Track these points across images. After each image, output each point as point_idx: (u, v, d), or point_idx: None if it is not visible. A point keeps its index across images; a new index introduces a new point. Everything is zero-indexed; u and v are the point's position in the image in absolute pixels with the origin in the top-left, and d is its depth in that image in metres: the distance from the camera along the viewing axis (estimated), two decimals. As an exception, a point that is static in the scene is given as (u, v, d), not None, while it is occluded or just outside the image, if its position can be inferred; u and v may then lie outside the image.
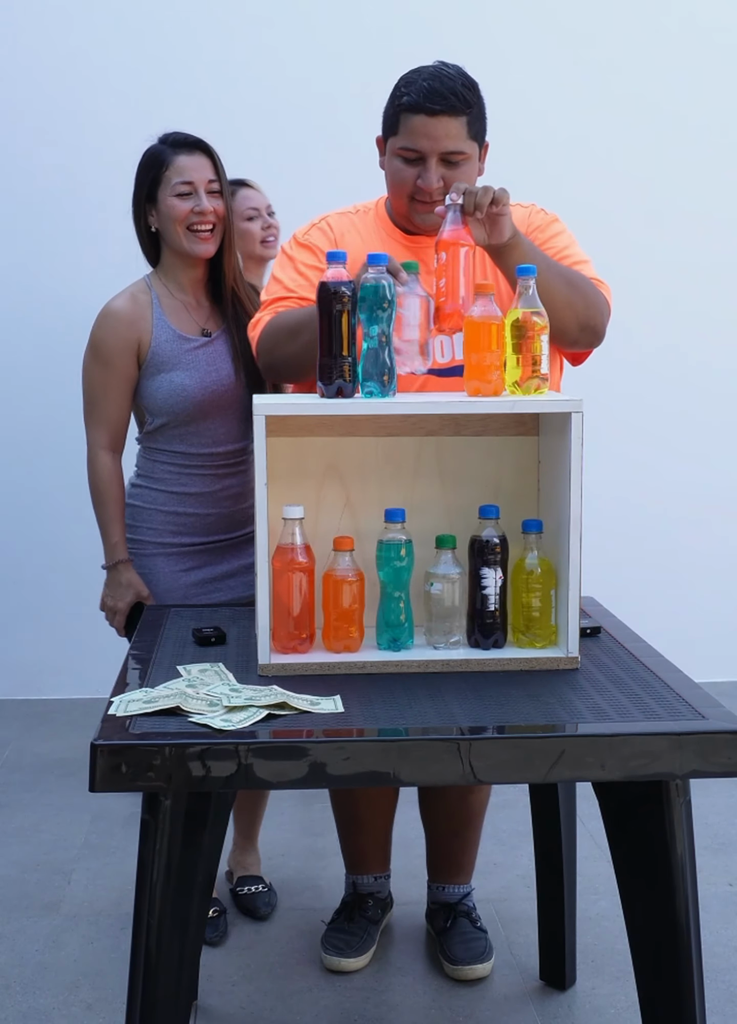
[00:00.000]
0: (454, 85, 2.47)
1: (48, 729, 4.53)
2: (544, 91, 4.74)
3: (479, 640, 2.27)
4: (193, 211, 2.83)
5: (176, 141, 2.88)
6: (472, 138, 2.50)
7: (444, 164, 2.48)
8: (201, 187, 2.84)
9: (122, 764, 1.86)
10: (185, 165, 2.85)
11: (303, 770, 1.89)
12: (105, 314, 2.91)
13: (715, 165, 4.84)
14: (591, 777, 1.99)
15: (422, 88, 2.46)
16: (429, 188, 2.48)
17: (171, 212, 2.84)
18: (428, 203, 2.49)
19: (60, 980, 2.84)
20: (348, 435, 2.37)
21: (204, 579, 2.92)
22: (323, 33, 4.66)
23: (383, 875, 3.03)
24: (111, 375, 2.89)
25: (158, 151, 2.89)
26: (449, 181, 2.46)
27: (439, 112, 2.45)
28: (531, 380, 2.21)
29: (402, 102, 2.48)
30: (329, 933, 2.95)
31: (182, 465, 2.91)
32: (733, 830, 3.59)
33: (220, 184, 2.87)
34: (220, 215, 2.87)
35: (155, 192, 2.87)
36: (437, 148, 2.47)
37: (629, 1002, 2.69)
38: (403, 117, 2.48)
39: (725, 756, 1.93)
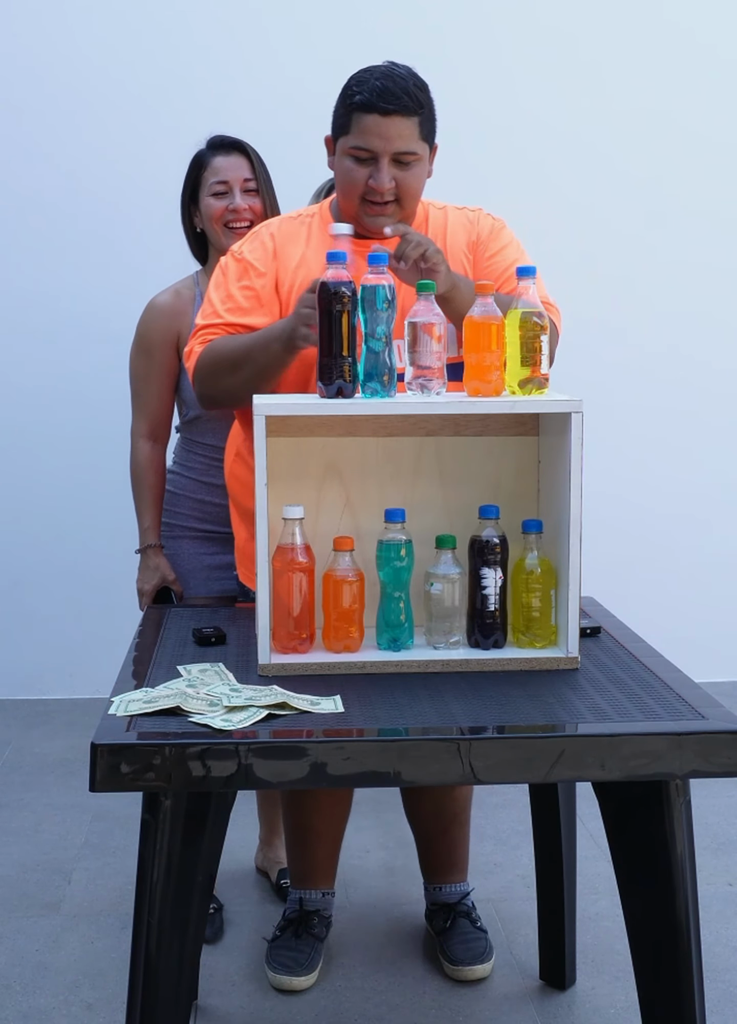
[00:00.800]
0: (407, 85, 2.45)
1: (48, 729, 4.53)
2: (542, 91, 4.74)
3: (479, 640, 2.27)
4: (228, 209, 2.97)
5: (213, 143, 3.04)
6: (423, 139, 2.48)
7: (395, 164, 2.46)
8: (236, 186, 2.98)
9: (122, 764, 1.86)
10: (221, 165, 3.00)
11: (303, 770, 1.89)
12: (149, 307, 3.09)
13: (714, 164, 4.84)
14: (591, 777, 2.00)
15: (375, 87, 2.43)
16: (381, 188, 2.46)
17: (208, 211, 3.00)
18: (379, 203, 2.48)
19: (60, 980, 2.84)
20: (348, 435, 2.37)
21: (226, 563, 3.02)
22: (319, 32, 4.67)
23: (329, 892, 2.94)
24: (152, 366, 3.06)
25: (200, 154, 3.05)
26: (400, 181, 2.47)
27: (392, 112, 2.42)
28: (532, 381, 2.21)
29: (354, 101, 2.45)
30: (275, 951, 2.85)
31: (213, 458, 3.03)
32: (733, 830, 3.59)
33: (257, 183, 2.99)
34: (257, 212, 2.98)
35: (197, 194, 3.04)
36: (389, 148, 2.44)
37: (629, 1002, 2.69)
38: (355, 116, 2.45)
39: (725, 756, 1.94)
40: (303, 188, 3.43)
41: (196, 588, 3.10)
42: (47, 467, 4.78)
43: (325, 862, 2.92)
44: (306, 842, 2.89)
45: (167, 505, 3.13)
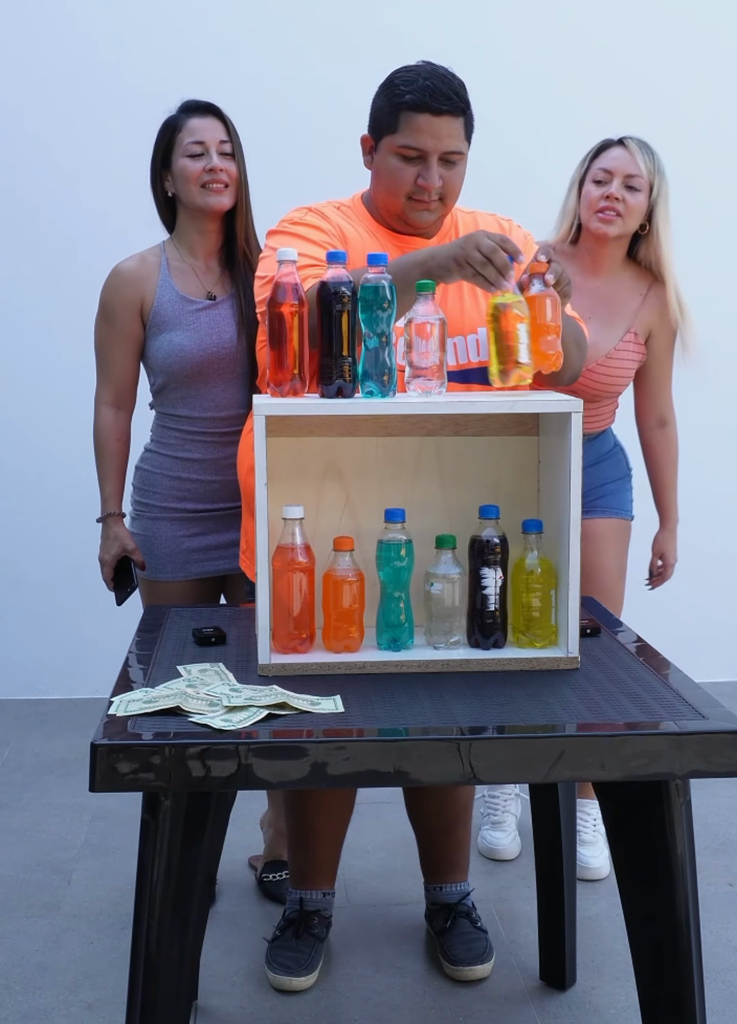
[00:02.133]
0: (454, 85, 2.48)
1: (48, 729, 4.53)
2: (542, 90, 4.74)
3: (479, 640, 2.27)
4: (205, 169, 2.92)
5: (188, 106, 2.99)
6: (466, 139, 2.53)
7: (442, 163, 2.49)
8: (213, 147, 2.93)
9: (122, 764, 1.86)
10: (196, 126, 2.94)
11: (304, 770, 1.89)
12: (112, 274, 3.03)
13: (719, 157, 4.83)
14: (591, 777, 1.99)
15: (425, 87, 2.45)
16: (431, 187, 2.48)
17: (183, 172, 2.93)
18: (425, 201, 2.51)
19: (60, 980, 2.84)
20: (348, 435, 2.37)
21: (206, 546, 3.00)
22: (319, 33, 4.67)
23: (330, 892, 2.94)
24: (115, 332, 3.02)
25: (172, 117, 2.99)
26: (446, 180, 2.50)
27: (444, 112, 2.45)
28: (513, 370, 2.21)
29: (404, 100, 2.46)
30: (275, 951, 2.85)
31: (187, 431, 2.99)
32: (733, 830, 3.59)
33: (233, 146, 2.96)
34: (233, 176, 2.94)
35: (169, 156, 2.97)
36: (440, 147, 2.47)
37: (629, 1002, 2.69)
38: (404, 116, 2.47)
39: (725, 756, 1.93)
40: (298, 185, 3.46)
41: (174, 572, 3.04)
42: (47, 467, 4.78)
43: (326, 862, 2.92)
44: (307, 842, 2.88)
45: (142, 484, 3.07)
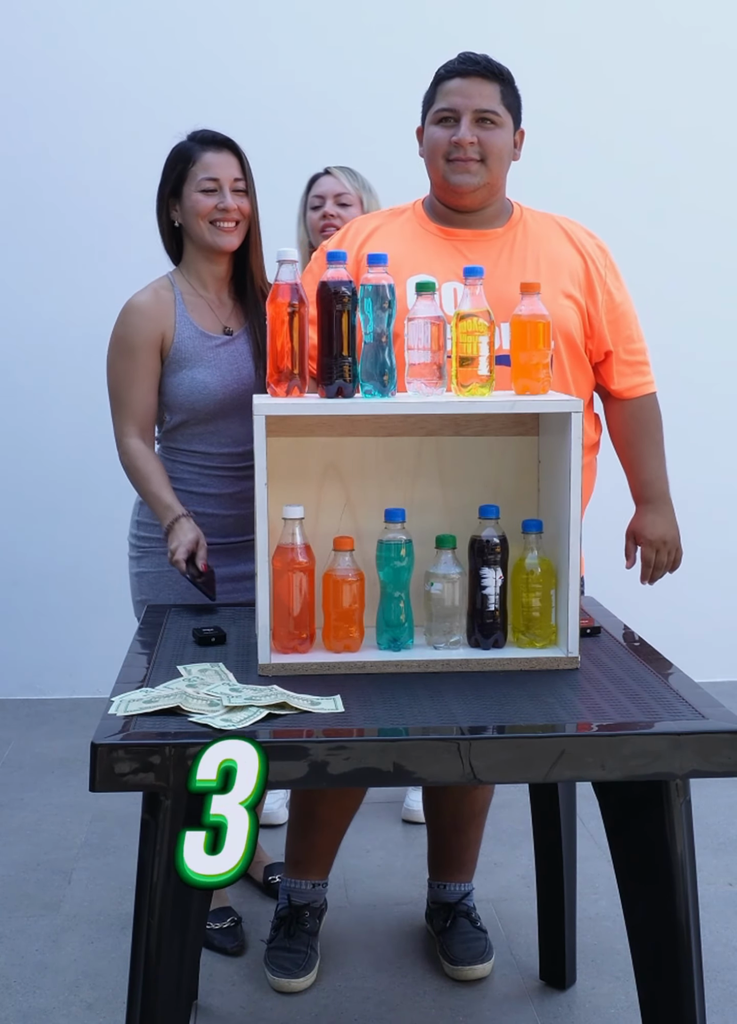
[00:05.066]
0: (486, 58, 2.64)
1: (48, 729, 4.53)
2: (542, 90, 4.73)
3: (479, 640, 2.27)
4: (217, 207, 2.84)
5: (204, 138, 2.90)
6: (506, 107, 2.64)
7: (478, 124, 2.62)
8: (226, 184, 2.85)
9: (122, 764, 1.86)
10: (212, 162, 2.86)
11: (303, 770, 1.89)
12: (128, 309, 2.89)
13: (715, 163, 4.84)
14: (591, 777, 2.00)
15: (456, 59, 2.65)
16: (462, 141, 2.60)
17: (195, 207, 2.85)
18: (462, 159, 2.62)
19: (60, 980, 2.84)
20: (348, 435, 2.37)
21: (221, 578, 2.84)
22: (325, 32, 4.67)
23: (321, 883, 2.93)
24: (136, 367, 2.86)
25: (186, 147, 2.90)
26: (483, 140, 2.62)
27: (472, 73, 2.61)
28: (472, 382, 2.21)
29: (438, 74, 2.66)
30: (272, 952, 2.85)
31: (202, 466, 2.89)
32: (733, 830, 3.59)
33: (246, 183, 2.88)
34: (245, 213, 2.87)
35: (180, 187, 2.89)
36: (471, 105, 2.61)
37: (629, 1002, 2.69)
38: (440, 87, 2.65)
39: (725, 756, 1.94)
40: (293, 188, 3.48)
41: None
42: (46, 467, 4.79)
43: (323, 852, 2.91)
44: (308, 829, 2.88)
45: (154, 519, 2.86)
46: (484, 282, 2.43)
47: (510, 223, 2.74)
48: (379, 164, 3.82)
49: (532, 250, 2.71)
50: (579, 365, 2.75)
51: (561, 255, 2.73)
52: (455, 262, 2.66)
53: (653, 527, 2.85)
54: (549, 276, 2.67)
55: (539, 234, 2.74)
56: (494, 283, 2.56)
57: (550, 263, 2.70)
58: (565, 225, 2.78)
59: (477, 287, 2.22)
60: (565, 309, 2.68)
